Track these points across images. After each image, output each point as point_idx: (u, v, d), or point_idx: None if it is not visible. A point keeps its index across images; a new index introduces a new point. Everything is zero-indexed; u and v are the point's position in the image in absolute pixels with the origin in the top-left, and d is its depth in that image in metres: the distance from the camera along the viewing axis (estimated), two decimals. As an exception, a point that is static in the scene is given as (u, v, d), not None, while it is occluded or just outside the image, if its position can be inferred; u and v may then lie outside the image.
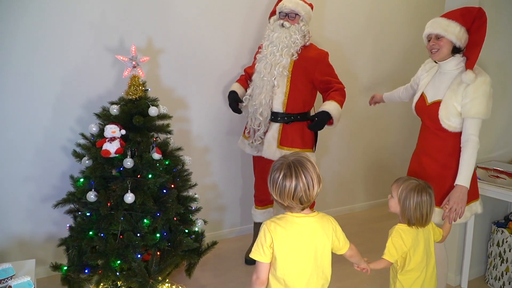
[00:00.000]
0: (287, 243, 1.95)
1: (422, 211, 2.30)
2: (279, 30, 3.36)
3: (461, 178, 2.56)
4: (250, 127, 3.50)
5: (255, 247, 1.98)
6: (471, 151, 2.55)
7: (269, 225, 1.96)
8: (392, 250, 2.32)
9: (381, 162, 5.13)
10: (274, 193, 1.92)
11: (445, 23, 2.60)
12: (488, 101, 2.56)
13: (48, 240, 3.44)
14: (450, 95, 2.61)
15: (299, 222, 1.97)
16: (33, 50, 3.21)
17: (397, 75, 4.91)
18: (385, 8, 4.76)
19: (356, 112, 4.82)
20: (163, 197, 2.89)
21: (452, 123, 2.61)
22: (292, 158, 1.93)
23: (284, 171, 1.88)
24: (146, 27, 3.57)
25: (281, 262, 1.96)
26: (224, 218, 4.24)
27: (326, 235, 2.01)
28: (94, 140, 2.93)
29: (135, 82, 2.96)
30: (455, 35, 2.58)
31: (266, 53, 3.37)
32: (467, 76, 2.55)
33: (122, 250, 2.74)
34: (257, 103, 3.38)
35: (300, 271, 1.97)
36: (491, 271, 3.38)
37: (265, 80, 3.35)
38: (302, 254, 1.97)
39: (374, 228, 4.38)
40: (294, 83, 3.41)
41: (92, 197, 2.76)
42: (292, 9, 3.36)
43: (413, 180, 2.37)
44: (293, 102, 3.43)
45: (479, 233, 3.43)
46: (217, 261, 3.74)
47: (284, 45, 3.33)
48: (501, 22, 3.24)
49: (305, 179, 1.88)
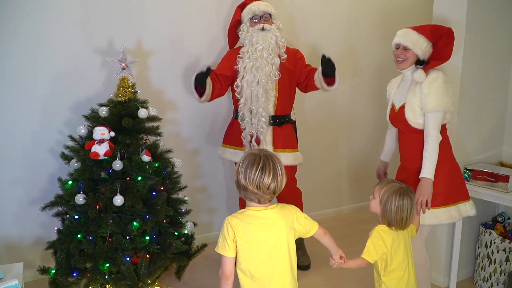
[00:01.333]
0: (249, 236, 2.02)
1: (402, 214, 2.33)
2: (260, 34, 3.38)
3: (425, 171, 2.63)
4: (248, 133, 3.45)
5: (220, 242, 2.05)
6: (432, 143, 2.63)
7: (230, 221, 2.03)
8: (371, 250, 2.34)
9: (367, 164, 5.15)
10: (250, 184, 1.96)
11: (415, 37, 2.70)
12: (443, 94, 2.63)
13: (36, 243, 3.41)
14: (411, 96, 2.71)
15: (260, 215, 2.04)
16: (21, 51, 3.18)
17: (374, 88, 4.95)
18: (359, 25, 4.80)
19: (340, 114, 4.84)
20: (153, 200, 2.88)
21: (419, 121, 2.69)
22: (263, 152, 2.02)
23: (262, 164, 1.96)
24: (135, 29, 3.56)
25: (245, 255, 2.03)
26: (214, 220, 4.23)
27: (287, 224, 2.07)
28: (83, 142, 2.92)
29: (124, 84, 2.95)
30: (422, 50, 2.70)
31: (256, 57, 3.35)
32: (417, 74, 2.68)
33: (111, 253, 2.73)
34: (257, 106, 3.37)
35: (264, 261, 2.04)
36: (480, 272, 3.41)
37: (262, 82, 3.35)
38: (265, 245, 2.03)
39: (362, 230, 4.38)
40: (281, 85, 3.47)
41: (80, 199, 2.75)
42: (264, 11, 3.43)
43: (396, 183, 2.40)
44: (282, 104, 3.50)
45: (467, 235, 3.46)
46: (207, 264, 3.73)
47: (273, 46, 3.37)
48: (485, 27, 3.27)
49: (279, 170, 1.99)
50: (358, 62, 4.83)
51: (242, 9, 3.59)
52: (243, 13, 3.54)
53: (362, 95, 4.94)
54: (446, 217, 2.71)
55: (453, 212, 2.72)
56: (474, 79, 3.27)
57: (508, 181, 3.08)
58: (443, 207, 2.71)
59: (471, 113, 3.31)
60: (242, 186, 2.00)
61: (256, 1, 3.56)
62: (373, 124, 5.07)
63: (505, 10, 3.34)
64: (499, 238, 3.26)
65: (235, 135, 3.59)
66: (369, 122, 5.05)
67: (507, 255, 3.21)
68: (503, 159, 3.55)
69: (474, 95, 3.30)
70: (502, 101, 3.50)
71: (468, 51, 3.18)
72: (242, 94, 3.41)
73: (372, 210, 2.48)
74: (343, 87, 4.74)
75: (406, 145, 2.84)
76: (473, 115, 3.33)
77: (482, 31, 3.24)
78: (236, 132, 3.57)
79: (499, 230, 3.39)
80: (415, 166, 2.75)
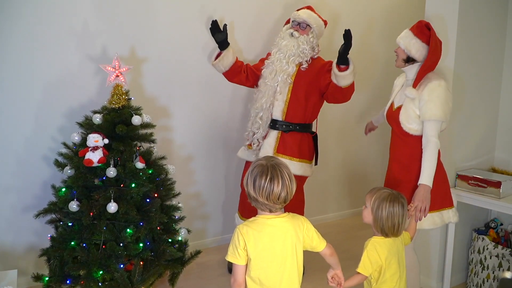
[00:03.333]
0: (260, 244, 2.03)
1: (394, 221, 2.32)
2: (288, 39, 3.41)
3: (424, 178, 2.64)
4: (250, 130, 3.52)
5: (230, 251, 2.06)
6: (431, 151, 2.64)
7: (241, 229, 2.04)
8: (367, 264, 2.33)
9: (363, 170, 5.18)
10: (260, 196, 1.97)
11: (403, 33, 2.77)
12: (443, 104, 2.63)
13: (29, 251, 3.40)
14: (409, 100, 2.72)
15: (271, 224, 2.05)
16: (15, 58, 3.19)
17: (381, 87, 4.98)
18: (363, 30, 4.83)
19: (339, 119, 4.86)
20: (147, 207, 2.88)
21: (412, 126, 2.71)
22: (271, 161, 2.02)
23: (271, 175, 1.97)
24: (129, 36, 3.57)
25: (255, 263, 2.04)
26: (207, 227, 4.23)
27: (297, 234, 2.09)
28: (77, 150, 2.92)
29: (118, 91, 2.96)
30: (406, 45, 2.72)
31: (273, 59, 3.42)
32: (407, 91, 2.71)
33: (105, 260, 2.73)
34: (258, 107, 3.43)
35: (274, 269, 2.05)
36: (472, 278, 3.42)
37: (268, 85, 3.39)
38: (275, 254, 2.04)
39: (357, 236, 4.41)
40: (295, 92, 3.43)
41: (74, 206, 2.75)
42: (304, 20, 3.42)
43: (386, 190, 2.39)
44: (292, 111, 3.45)
45: (460, 240, 3.47)
46: (201, 270, 3.72)
47: (291, 53, 3.38)
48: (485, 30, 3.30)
49: (288, 178, 1.99)
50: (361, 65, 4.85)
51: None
52: (292, 15, 3.54)
53: (359, 102, 4.96)
54: (428, 223, 2.74)
55: (436, 218, 2.76)
56: (466, 84, 3.29)
57: (500, 187, 3.09)
58: (434, 211, 2.73)
59: (463, 119, 3.32)
60: (253, 197, 2.01)
61: (306, 9, 3.53)
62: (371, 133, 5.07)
63: (497, 14, 3.37)
64: (491, 244, 3.27)
65: None
66: (359, 126, 5.06)
67: (499, 261, 3.23)
68: (495, 165, 3.57)
69: (466, 100, 3.32)
70: (494, 106, 3.53)
71: (460, 54, 3.19)
72: (257, 94, 3.49)
73: (365, 221, 2.46)
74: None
75: (395, 147, 2.87)
76: (465, 121, 3.34)
77: (474, 35, 3.27)
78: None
79: (492, 236, 3.41)
80: (401, 169, 2.78)
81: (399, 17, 5.01)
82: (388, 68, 4.98)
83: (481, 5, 3.25)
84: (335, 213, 5.07)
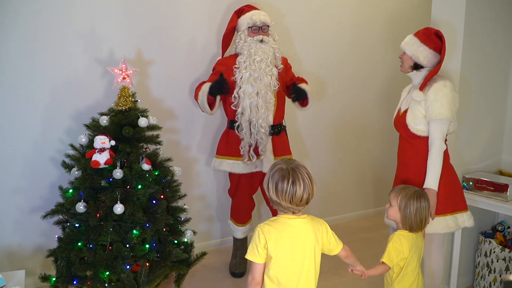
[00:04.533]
0: (280, 243, 2.03)
1: (422, 216, 2.41)
2: (259, 45, 3.39)
3: (429, 181, 2.64)
4: (246, 144, 3.43)
5: (250, 248, 2.06)
6: (435, 153, 2.64)
7: (263, 228, 2.05)
8: (392, 254, 2.39)
9: (370, 172, 5.16)
10: (283, 200, 1.99)
11: (409, 39, 2.76)
12: (449, 104, 2.63)
13: (36, 251, 3.42)
14: (415, 102, 2.72)
15: (292, 224, 2.06)
16: (22, 61, 3.21)
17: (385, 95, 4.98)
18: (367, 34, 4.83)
19: (344, 122, 4.86)
20: (153, 208, 2.89)
21: (420, 127, 2.70)
22: (290, 164, 2.03)
23: (293, 178, 1.98)
24: (136, 39, 3.59)
25: (275, 262, 2.04)
26: (213, 228, 4.23)
27: (316, 236, 2.10)
28: (84, 151, 2.94)
29: (125, 93, 2.98)
30: (413, 52, 2.72)
31: (255, 68, 3.34)
32: (414, 94, 2.71)
33: (111, 261, 2.74)
34: (256, 117, 3.36)
35: (292, 269, 2.06)
36: (479, 282, 3.40)
37: (262, 93, 3.35)
38: (295, 254, 2.05)
39: (364, 238, 4.39)
40: (278, 95, 3.50)
41: (81, 208, 2.76)
42: (264, 22, 3.43)
43: (411, 188, 2.48)
44: (279, 113, 3.54)
45: (467, 244, 3.45)
46: (206, 272, 3.73)
47: (271, 58, 3.40)
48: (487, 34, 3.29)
49: (308, 180, 2.00)
50: (366, 68, 4.85)
51: (238, 15, 3.55)
52: (241, 20, 3.50)
53: (371, 103, 4.95)
54: (442, 226, 2.72)
55: (450, 222, 2.73)
56: (473, 86, 3.27)
57: (507, 190, 3.08)
58: (439, 216, 2.71)
59: (470, 121, 3.31)
60: (275, 201, 2.02)
61: (256, 10, 3.53)
62: (377, 134, 5.08)
63: (504, 17, 3.36)
64: (498, 247, 3.26)
65: (232, 146, 3.54)
66: (374, 131, 5.05)
67: (506, 264, 3.21)
68: (502, 167, 3.55)
69: (473, 102, 3.30)
70: (501, 109, 3.51)
71: (466, 57, 3.18)
72: (239, 104, 3.39)
73: (390, 219, 2.52)
74: (350, 94, 4.76)
75: (404, 150, 2.85)
76: (472, 123, 3.32)
77: (481, 38, 3.25)
78: (233, 143, 3.52)
79: (499, 239, 3.39)
80: (410, 172, 2.78)
81: (403, 21, 5.00)
82: (394, 71, 4.97)
83: (487, 8, 3.23)
84: (342, 215, 5.06)
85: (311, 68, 4.45)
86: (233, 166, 3.56)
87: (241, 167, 3.54)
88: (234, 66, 3.43)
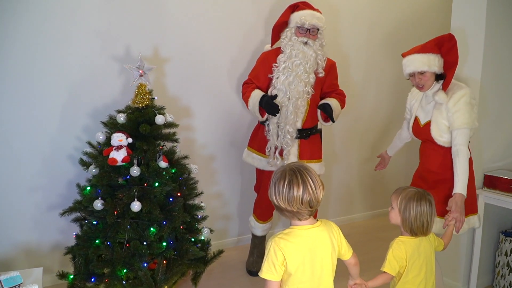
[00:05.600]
0: (298, 257, 1.91)
1: (423, 219, 2.26)
2: (302, 48, 3.28)
3: (458, 187, 2.65)
4: (272, 145, 3.39)
5: (266, 267, 1.91)
6: (462, 160, 2.66)
7: (278, 243, 1.90)
8: (393, 262, 2.27)
9: (387, 171, 5.11)
10: (281, 202, 1.87)
11: (425, 58, 2.71)
12: (470, 111, 2.68)
13: (54, 249, 3.44)
14: (437, 114, 2.76)
15: (307, 235, 1.94)
16: (40, 59, 3.23)
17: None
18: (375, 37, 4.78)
19: (361, 122, 4.82)
20: (170, 206, 2.89)
21: (445, 139, 2.75)
22: (292, 165, 1.93)
23: (289, 178, 1.87)
24: (152, 36, 3.59)
25: (295, 278, 1.92)
26: (229, 226, 4.23)
27: (332, 242, 2.00)
28: (101, 149, 2.94)
29: (142, 91, 2.97)
30: (437, 67, 2.71)
31: (291, 71, 3.26)
32: (438, 96, 2.73)
33: (129, 258, 2.74)
34: (284, 122, 3.30)
35: (313, 283, 1.95)
36: (499, 281, 3.36)
37: (293, 100, 3.27)
38: (314, 267, 1.94)
39: (380, 238, 4.36)
40: (313, 100, 3.39)
41: (98, 205, 2.77)
42: (314, 25, 3.28)
43: (412, 189, 2.33)
44: (311, 118, 3.43)
45: (487, 243, 3.41)
46: (223, 270, 3.72)
47: (311, 63, 3.28)
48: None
49: (311, 181, 1.87)
50: (371, 65, 4.81)
51: (292, 10, 3.42)
52: (293, 16, 3.36)
53: (378, 102, 4.91)
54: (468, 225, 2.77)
55: (464, 225, 2.74)
56: (494, 87, 3.24)
57: (528, 188, 3.04)
58: (470, 215, 2.77)
59: (490, 120, 3.28)
60: (277, 206, 1.91)
61: (309, 10, 3.35)
62: (393, 133, 5.02)
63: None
64: (519, 246, 3.22)
65: (260, 141, 3.51)
66: (390, 131, 5.01)
67: (527, 264, 3.17)
68: (523, 166, 3.51)
69: (494, 102, 3.27)
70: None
71: (487, 60, 3.16)
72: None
73: (392, 222, 2.40)
74: (361, 93, 4.72)
75: (428, 157, 2.88)
76: (492, 122, 3.29)
77: (502, 41, 3.22)
78: (261, 138, 3.50)
79: (520, 238, 3.34)
80: (436, 178, 2.80)
81: (409, 30, 4.95)
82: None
83: (507, 17, 3.21)
84: (359, 214, 5.03)
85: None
86: (257, 161, 3.56)
87: (263, 164, 3.53)
88: (274, 63, 3.36)
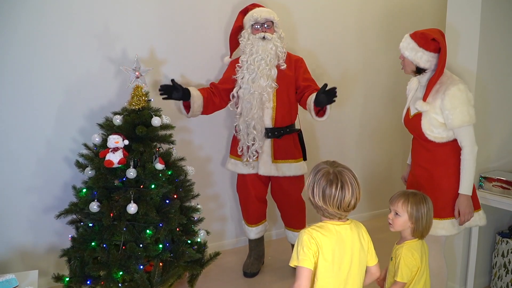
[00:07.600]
0: (330, 251, 1.91)
1: (430, 219, 2.33)
2: (261, 43, 3.31)
3: (464, 187, 2.62)
4: (243, 144, 3.41)
5: (302, 255, 1.87)
6: (469, 158, 2.61)
7: (312, 233, 1.90)
8: (406, 272, 2.28)
9: (383, 172, 5.12)
10: (331, 206, 1.87)
11: (407, 43, 2.63)
12: (468, 107, 2.58)
13: (50, 251, 3.43)
14: (429, 108, 2.64)
15: (338, 230, 1.94)
16: (36, 60, 3.22)
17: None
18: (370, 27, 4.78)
19: (356, 122, 4.82)
20: (166, 208, 2.89)
21: (436, 134, 2.65)
22: (336, 168, 1.92)
23: (340, 183, 1.86)
24: (149, 38, 3.58)
25: (325, 270, 1.91)
26: (226, 228, 4.22)
27: (361, 243, 2.00)
28: (97, 151, 2.94)
29: (138, 93, 2.97)
30: (413, 57, 2.61)
31: (253, 67, 3.29)
32: (417, 105, 2.65)
33: (125, 261, 2.74)
34: (249, 118, 3.31)
35: (339, 278, 1.94)
36: (496, 282, 3.36)
37: (255, 94, 3.28)
38: (342, 261, 1.93)
39: (378, 239, 4.34)
40: (280, 96, 3.39)
41: (94, 207, 2.76)
42: (267, 18, 3.33)
43: (414, 192, 2.37)
44: (281, 115, 3.42)
45: (483, 244, 3.41)
46: (220, 272, 3.71)
47: (272, 56, 3.30)
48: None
49: (356, 184, 1.89)
50: (368, 65, 4.81)
51: (244, 15, 3.49)
52: (245, 19, 3.45)
53: (376, 102, 4.91)
54: (456, 228, 2.72)
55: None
56: (490, 85, 3.23)
57: (525, 189, 3.04)
58: (452, 218, 2.70)
59: (486, 120, 3.27)
60: (321, 207, 1.90)
61: (259, 8, 3.46)
62: (388, 134, 5.03)
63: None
64: (516, 247, 3.22)
65: (234, 146, 3.54)
66: (385, 131, 5.01)
67: (524, 265, 3.17)
68: (519, 166, 3.51)
69: (489, 102, 3.26)
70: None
71: (483, 58, 3.13)
72: (238, 105, 3.37)
73: (397, 230, 2.38)
74: (356, 92, 4.72)
75: (418, 152, 2.81)
76: (488, 122, 3.28)
77: (497, 36, 3.19)
78: (236, 142, 3.51)
79: (516, 239, 3.34)
80: (426, 175, 2.74)
81: (403, 20, 4.95)
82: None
83: (503, 9, 3.19)
84: (359, 214, 5.03)
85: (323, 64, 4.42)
86: (234, 166, 3.58)
87: (240, 167, 3.54)
88: (237, 64, 3.39)
